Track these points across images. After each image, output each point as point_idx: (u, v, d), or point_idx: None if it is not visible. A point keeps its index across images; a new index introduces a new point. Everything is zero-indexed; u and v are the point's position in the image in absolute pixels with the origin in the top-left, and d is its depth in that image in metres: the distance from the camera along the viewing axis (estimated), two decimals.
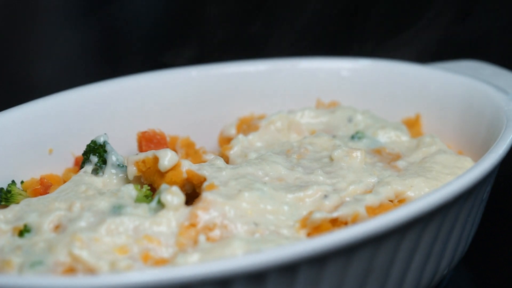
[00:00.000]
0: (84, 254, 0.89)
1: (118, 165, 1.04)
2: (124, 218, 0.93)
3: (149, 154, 1.01)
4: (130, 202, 0.96)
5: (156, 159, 1.00)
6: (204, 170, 1.00)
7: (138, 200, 0.97)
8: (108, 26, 1.91)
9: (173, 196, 0.94)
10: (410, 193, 1.00)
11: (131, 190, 0.98)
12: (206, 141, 1.22)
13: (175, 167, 1.00)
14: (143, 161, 1.01)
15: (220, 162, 1.02)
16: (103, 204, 0.95)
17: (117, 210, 0.94)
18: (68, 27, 1.90)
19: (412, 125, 1.20)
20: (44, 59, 1.82)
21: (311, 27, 1.70)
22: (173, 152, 1.00)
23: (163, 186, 0.96)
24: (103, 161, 1.04)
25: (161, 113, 1.21)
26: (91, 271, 0.88)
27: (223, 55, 1.37)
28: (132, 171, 1.01)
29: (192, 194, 1.00)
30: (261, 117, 1.19)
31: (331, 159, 1.05)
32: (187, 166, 1.00)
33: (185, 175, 0.99)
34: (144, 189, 0.99)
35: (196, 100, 1.24)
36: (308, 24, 1.70)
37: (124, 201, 0.96)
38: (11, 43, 1.82)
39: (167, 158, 0.99)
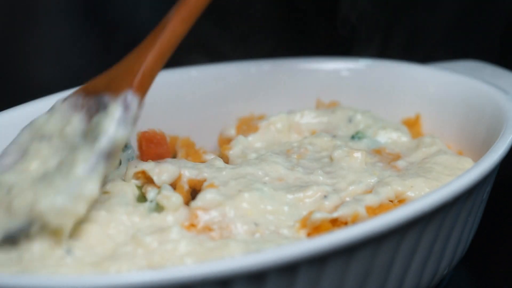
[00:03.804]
0: None
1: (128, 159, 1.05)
2: (124, 217, 0.93)
3: (150, 166, 1.00)
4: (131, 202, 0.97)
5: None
6: (204, 173, 1.00)
7: (139, 200, 0.97)
8: (109, 26, 1.91)
9: (171, 198, 0.94)
10: (410, 193, 1.00)
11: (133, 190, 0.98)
12: (206, 141, 1.22)
13: (177, 181, 1.00)
14: (143, 173, 1.01)
15: (219, 162, 1.02)
16: None
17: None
18: (68, 27, 1.90)
19: (412, 125, 1.20)
20: (44, 59, 1.82)
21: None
22: (173, 167, 0.99)
23: (163, 186, 0.97)
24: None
25: (161, 113, 1.21)
26: None
27: (223, 55, 1.37)
28: (132, 178, 1.01)
29: (192, 192, 1.00)
30: (261, 118, 1.19)
31: (331, 159, 1.05)
32: (187, 176, 1.00)
33: (187, 187, 0.99)
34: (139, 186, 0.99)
35: (196, 100, 1.24)
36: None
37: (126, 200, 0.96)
38: (11, 43, 1.82)
39: (165, 176, 0.99)
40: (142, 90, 0.98)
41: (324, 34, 1.65)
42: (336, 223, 0.95)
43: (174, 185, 1.00)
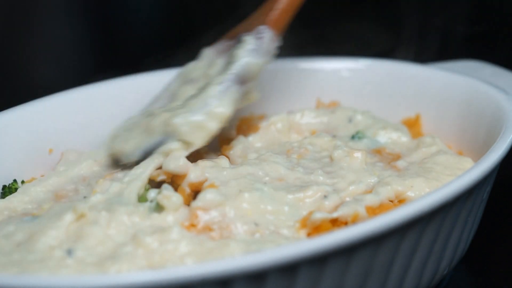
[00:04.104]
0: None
1: None
2: (124, 217, 0.93)
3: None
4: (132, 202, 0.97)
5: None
6: (206, 173, 1.00)
7: (141, 200, 0.97)
8: (109, 27, 1.91)
9: (171, 198, 0.94)
10: (410, 193, 1.00)
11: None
12: None
13: (179, 182, 1.00)
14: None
15: (225, 162, 1.02)
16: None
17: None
18: (68, 28, 1.90)
19: (412, 125, 1.20)
20: (44, 59, 1.82)
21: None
22: (184, 160, 1.00)
23: (163, 186, 0.97)
24: None
25: None
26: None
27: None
28: None
29: (193, 192, 1.00)
30: (261, 118, 1.19)
31: (331, 159, 1.05)
32: (191, 179, 1.00)
33: (188, 191, 0.99)
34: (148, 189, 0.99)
35: None
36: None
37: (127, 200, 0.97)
38: (11, 43, 1.82)
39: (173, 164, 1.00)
40: (276, 25, 1.09)
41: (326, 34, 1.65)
42: (336, 223, 0.95)
43: (175, 187, 1.00)
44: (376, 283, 0.90)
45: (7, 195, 1.04)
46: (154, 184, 1.01)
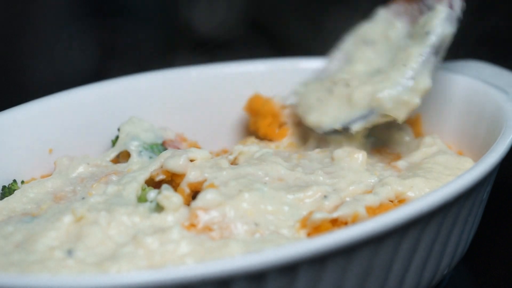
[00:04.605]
0: None
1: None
2: (124, 217, 0.93)
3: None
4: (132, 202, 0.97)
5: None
6: (205, 173, 1.00)
7: (140, 200, 0.97)
8: (109, 26, 1.91)
9: (171, 198, 0.94)
10: (410, 193, 1.00)
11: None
12: (206, 140, 1.22)
13: (178, 182, 1.00)
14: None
15: (224, 162, 1.02)
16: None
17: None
18: (68, 28, 1.90)
19: (412, 125, 1.19)
20: (44, 59, 1.82)
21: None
22: (184, 159, 1.00)
23: (163, 186, 0.97)
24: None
25: (161, 113, 1.21)
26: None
27: (224, 55, 1.37)
28: None
29: (192, 192, 1.00)
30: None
31: (332, 159, 1.05)
32: (190, 179, 0.99)
33: (188, 191, 0.99)
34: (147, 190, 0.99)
35: (196, 100, 1.24)
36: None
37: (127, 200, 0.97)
38: (11, 43, 1.82)
39: (173, 162, 1.00)
40: None
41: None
42: (336, 223, 0.95)
43: (174, 187, 1.00)
44: (376, 283, 0.90)
45: (6, 196, 1.04)
46: (153, 184, 1.01)
